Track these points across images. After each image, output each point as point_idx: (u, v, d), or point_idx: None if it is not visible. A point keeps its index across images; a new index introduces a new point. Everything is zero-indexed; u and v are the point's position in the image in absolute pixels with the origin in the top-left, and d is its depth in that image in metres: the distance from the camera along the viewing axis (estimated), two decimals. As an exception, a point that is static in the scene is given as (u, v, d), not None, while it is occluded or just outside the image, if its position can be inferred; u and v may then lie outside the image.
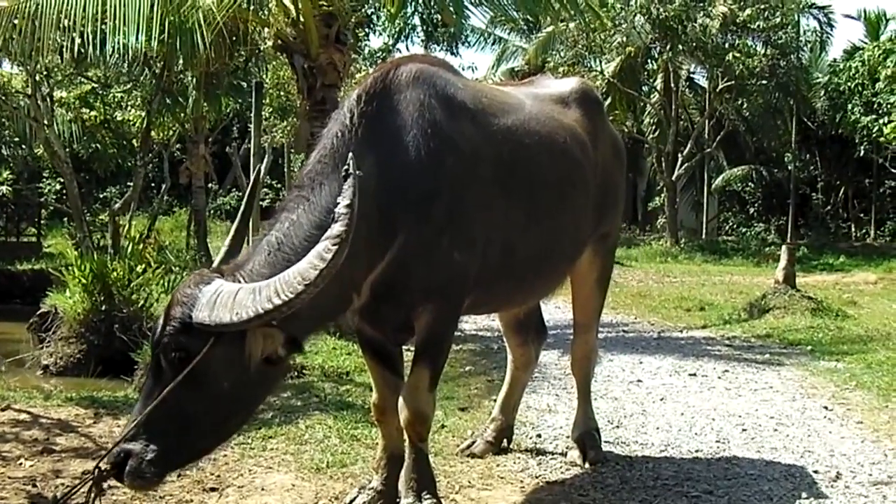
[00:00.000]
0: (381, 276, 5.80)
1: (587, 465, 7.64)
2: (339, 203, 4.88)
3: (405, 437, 6.30)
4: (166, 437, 4.93)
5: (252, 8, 14.89)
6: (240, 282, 5.09)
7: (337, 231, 4.80)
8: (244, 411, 5.41)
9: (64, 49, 16.01)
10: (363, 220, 5.40)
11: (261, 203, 15.44)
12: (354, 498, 6.42)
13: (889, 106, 34.72)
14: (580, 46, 38.79)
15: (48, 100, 22.84)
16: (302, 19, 14.32)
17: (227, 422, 5.30)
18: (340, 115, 5.92)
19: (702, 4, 36.81)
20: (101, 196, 37.23)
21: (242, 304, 4.80)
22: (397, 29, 34.37)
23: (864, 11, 43.41)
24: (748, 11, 36.79)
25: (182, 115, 26.62)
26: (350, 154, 5.04)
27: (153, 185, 38.03)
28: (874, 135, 37.17)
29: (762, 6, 37.07)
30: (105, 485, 5.57)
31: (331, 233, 4.81)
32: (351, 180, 4.89)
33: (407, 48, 34.54)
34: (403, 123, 5.91)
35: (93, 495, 4.88)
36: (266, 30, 16.34)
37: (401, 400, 6.17)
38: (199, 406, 5.00)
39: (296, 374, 11.42)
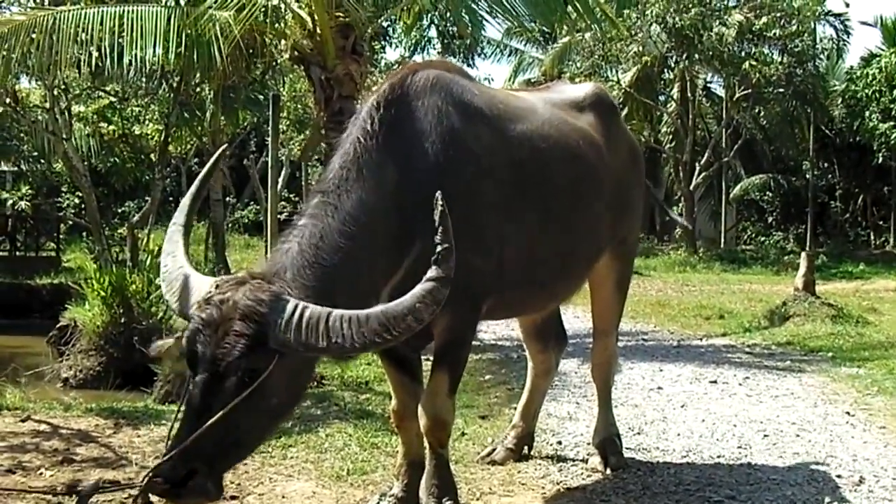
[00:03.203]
0: (400, 283, 5.75)
1: (608, 471, 7.63)
2: (437, 242, 4.74)
3: (425, 443, 6.29)
4: (220, 452, 4.78)
5: (268, 20, 14.92)
6: (289, 294, 4.95)
7: (444, 273, 4.70)
8: (281, 422, 5.38)
9: (81, 63, 16.05)
10: (386, 228, 5.46)
11: (279, 216, 15.43)
12: (375, 505, 6.43)
13: (906, 113, 34.64)
14: (596, 56, 38.69)
15: (66, 113, 22.88)
16: (318, 31, 14.34)
17: (267, 432, 5.25)
18: (360, 122, 5.90)
19: (718, 13, 36.72)
20: (120, 211, 37.32)
21: (340, 332, 4.66)
22: (413, 41, 34.51)
23: (881, 18, 43.42)
24: (764, 20, 36.67)
25: (199, 128, 26.72)
26: (438, 193, 4.84)
27: (171, 199, 38.01)
28: (892, 142, 37.04)
29: (778, 14, 36.94)
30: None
31: (437, 274, 4.71)
32: (442, 216, 4.77)
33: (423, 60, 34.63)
34: (421, 130, 5.92)
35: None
36: (283, 42, 16.36)
37: (420, 406, 6.16)
38: (252, 421, 4.86)
39: (315, 383, 11.42)
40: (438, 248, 4.72)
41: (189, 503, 4.78)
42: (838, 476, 7.58)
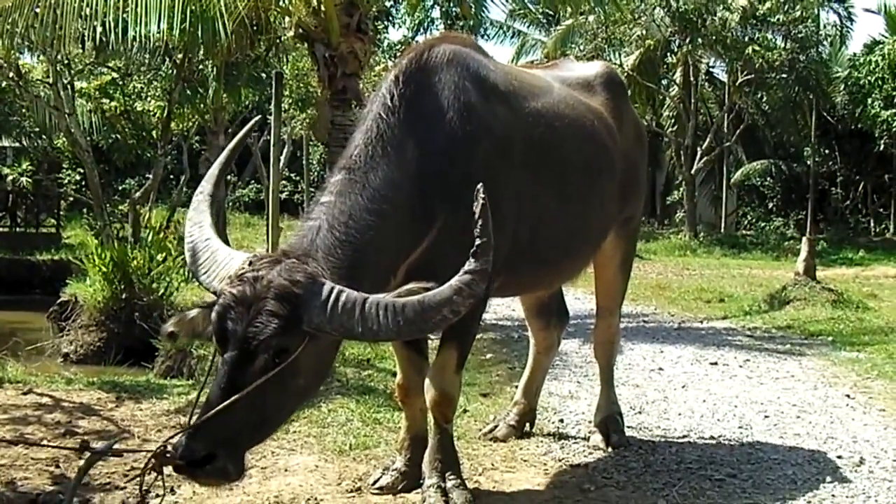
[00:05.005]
0: (417, 260, 5.77)
1: (610, 449, 7.65)
2: (476, 235, 4.68)
3: (429, 418, 6.32)
4: (243, 432, 4.70)
5: (273, -4, 14.91)
6: (323, 275, 4.91)
7: (482, 266, 4.66)
8: (306, 401, 5.42)
9: (85, 38, 16.00)
10: (410, 205, 5.53)
11: (280, 195, 15.41)
12: (378, 479, 6.45)
13: (909, 100, 34.64)
14: (599, 39, 38.66)
15: (69, 89, 22.81)
16: (323, 8, 14.31)
17: (292, 412, 5.22)
18: (380, 97, 5.88)
19: (722, -3, 36.76)
20: (120, 188, 37.31)
21: (375, 320, 4.61)
22: (416, 21, 34.41)
23: (885, 6, 43.16)
24: (768, 5, 36.74)
25: (202, 105, 26.62)
26: (480, 185, 4.76)
27: (172, 176, 38.03)
28: (894, 129, 37.07)
29: (782, 0, 36.98)
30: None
31: (475, 267, 4.66)
32: (482, 210, 4.71)
33: (426, 41, 34.52)
34: (440, 106, 5.91)
35: (151, 477, 4.68)
36: (287, 19, 16.29)
37: (427, 381, 6.19)
38: (278, 401, 4.82)
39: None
40: (477, 242, 4.67)
41: (207, 483, 4.84)
42: (839, 457, 7.60)
